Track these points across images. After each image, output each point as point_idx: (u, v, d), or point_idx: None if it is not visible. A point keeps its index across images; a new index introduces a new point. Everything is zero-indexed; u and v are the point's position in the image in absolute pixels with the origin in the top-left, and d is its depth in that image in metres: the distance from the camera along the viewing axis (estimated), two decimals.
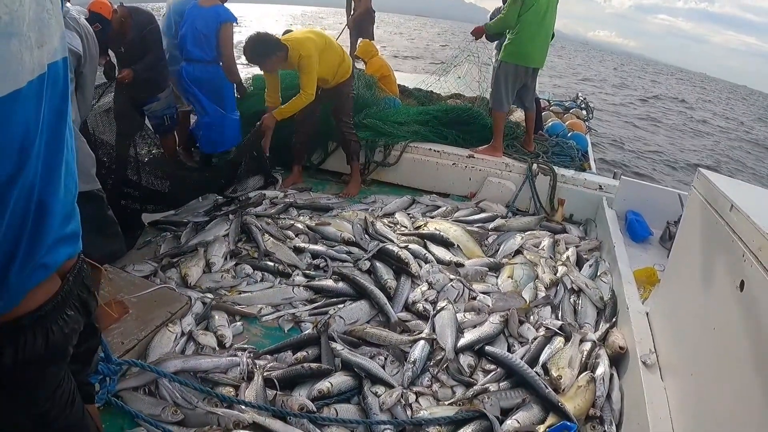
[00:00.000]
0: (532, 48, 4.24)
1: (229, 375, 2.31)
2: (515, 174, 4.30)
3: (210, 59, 3.95)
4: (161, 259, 3.16)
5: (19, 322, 0.92)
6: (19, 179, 0.82)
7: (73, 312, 1.04)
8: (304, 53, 3.73)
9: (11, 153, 0.81)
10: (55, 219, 0.94)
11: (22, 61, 0.80)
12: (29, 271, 0.91)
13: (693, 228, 2.35)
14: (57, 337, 0.98)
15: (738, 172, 11.39)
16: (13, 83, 0.78)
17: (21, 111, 0.81)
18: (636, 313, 2.61)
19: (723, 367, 1.77)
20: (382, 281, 2.91)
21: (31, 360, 0.95)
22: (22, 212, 0.85)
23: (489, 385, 2.29)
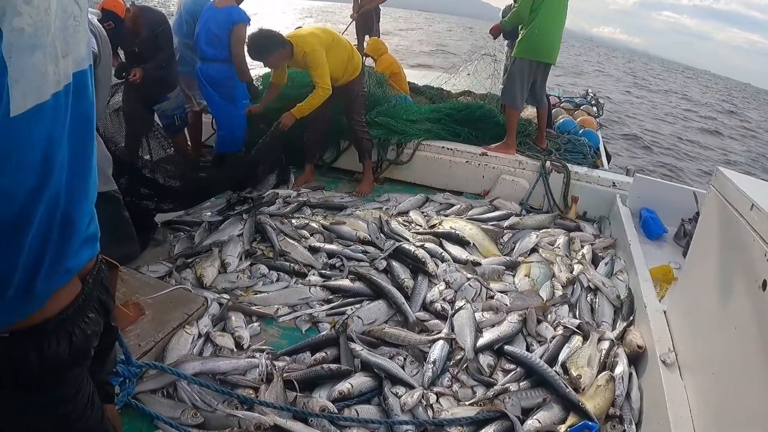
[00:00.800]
0: (545, 43, 4.22)
1: (247, 377, 2.30)
2: (528, 171, 4.28)
3: (223, 58, 3.96)
4: (176, 260, 3.16)
5: (42, 327, 0.92)
6: (44, 191, 0.82)
7: (94, 314, 1.04)
8: (308, 49, 3.72)
9: (33, 166, 0.80)
10: (81, 224, 0.95)
11: (46, 74, 0.79)
12: (55, 278, 0.91)
13: (711, 227, 2.34)
14: (80, 339, 0.98)
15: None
16: (36, 98, 0.77)
17: (43, 125, 0.80)
18: (654, 312, 2.60)
19: (746, 367, 1.76)
20: (399, 280, 2.90)
21: (55, 363, 0.95)
22: (48, 222, 0.85)
23: (509, 385, 2.29)
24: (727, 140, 16.73)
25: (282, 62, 3.84)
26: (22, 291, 0.85)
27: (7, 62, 0.70)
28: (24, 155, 0.77)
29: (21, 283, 0.84)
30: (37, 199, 0.81)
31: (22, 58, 0.73)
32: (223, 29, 3.88)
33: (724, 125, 20.06)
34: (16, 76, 0.72)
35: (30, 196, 0.80)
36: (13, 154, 0.75)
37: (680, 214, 3.56)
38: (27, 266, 0.84)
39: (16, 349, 0.90)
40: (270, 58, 3.75)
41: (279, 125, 3.92)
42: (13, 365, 0.91)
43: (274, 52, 3.70)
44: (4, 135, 0.73)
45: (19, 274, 0.83)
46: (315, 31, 3.90)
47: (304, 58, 3.75)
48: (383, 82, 5.06)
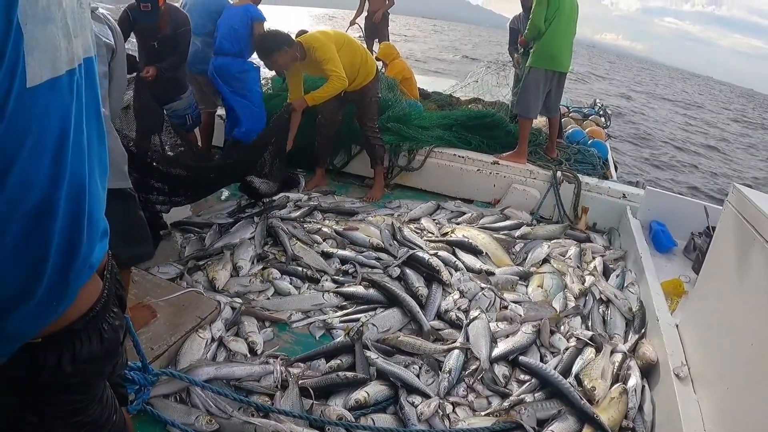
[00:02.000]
0: (559, 52, 4.25)
1: (262, 383, 2.30)
2: (539, 181, 4.29)
3: (236, 52, 4.03)
4: (186, 262, 3.16)
5: (73, 326, 0.91)
6: (63, 177, 0.79)
7: (117, 308, 1.04)
8: (316, 45, 3.74)
9: (50, 147, 0.76)
10: (100, 217, 0.94)
11: (60, 48, 0.76)
12: (84, 273, 0.90)
13: (727, 242, 2.36)
14: (110, 335, 0.98)
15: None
16: (51, 71, 0.74)
17: (59, 102, 0.77)
18: (666, 325, 2.61)
19: (762, 382, 1.78)
20: (413, 289, 2.91)
21: (90, 362, 0.95)
22: (76, 212, 0.84)
23: (524, 396, 2.30)
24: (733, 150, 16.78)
25: (290, 63, 3.80)
26: (55, 287, 0.84)
27: (23, 29, 0.68)
28: (41, 133, 0.74)
29: (53, 279, 0.82)
30: (56, 184, 0.78)
31: (36, 28, 0.71)
32: (243, 24, 4.00)
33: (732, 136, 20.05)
34: (31, 45, 0.70)
35: (49, 180, 0.77)
36: (30, 130, 0.72)
37: (690, 228, 3.57)
38: (59, 259, 0.82)
39: (49, 354, 0.89)
40: (277, 58, 3.72)
41: (289, 107, 3.88)
42: (46, 371, 0.89)
43: (281, 50, 3.68)
44: (23, 107, 0.70)
45: (51, 269, 0.81)
46: (324, 30, 3.94)
47: (314, 54, 3.75)
48: (394, 86, 5.08)
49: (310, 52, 3.77)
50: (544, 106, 4.51)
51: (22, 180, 0.72)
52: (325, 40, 3.77)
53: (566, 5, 4.23)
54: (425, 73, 10.25)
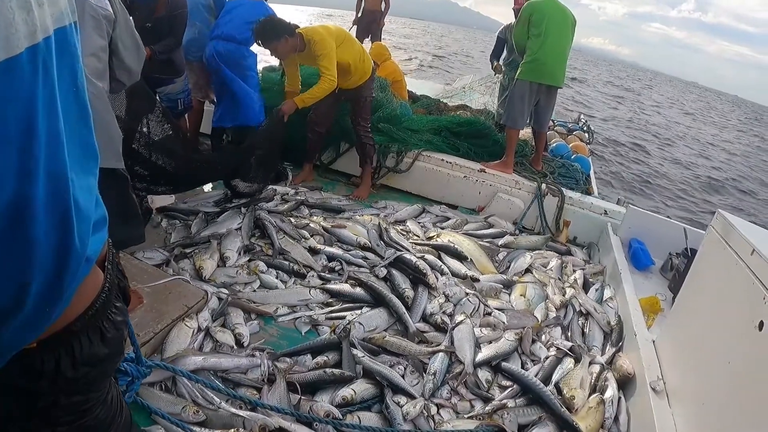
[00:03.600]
0: (547, 66, 4.32)
1: (249, 375, 2.30)
2: (524, 192, 4.37)
3: (240, 40, 4.03)
4: (173, 249, 3.14)
5: (70, 327, 0.85)
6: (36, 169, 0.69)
7: (120, 302, 0.98)
8: (317, 38, 3.75)
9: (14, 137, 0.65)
10: (89, 207, 0.84)
11: (14, 22, 0.64)
12: (80, 270, 0.82)
13: (708, 265, 2.46)
14: (112, 333, 0.93)
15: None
16: (4, 50, 0.62)
17: (18, 85, 0.65)
18: (643, 340, 2.70)
19: (737, 400, 1.86)
20: (399, 290, 2.93)
21: (91, 363, 0.90)
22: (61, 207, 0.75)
23: (507, 401, 2.35)
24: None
25: (289, 52, 3.81)
26: (49, 292, 0.76)
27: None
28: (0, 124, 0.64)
29: (46, 284, 0.75)
30: (29, 179, 0.68)
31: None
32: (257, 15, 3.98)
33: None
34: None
35: (19, 176, 0.67)
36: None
37: (668, 248, 3.69)
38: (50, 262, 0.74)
39: (47, 360, 0.84)
40: (277, 45, 3.72)
41: (278, 111, 3.87)
42: (44, 378, 0.85)
43: (281, 38, 3.69)
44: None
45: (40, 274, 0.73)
46: (326, 25, 3.94)
47: (313, 47, 3.76)
48: (386, 87, 5.10)
49: (309, 44, 3.78)
50: (536, 119, 4.59)
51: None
52: (325, 35, 3.78)
53: (555, 21, 4.30)
54: (414, 76, 10.32)
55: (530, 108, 4.47)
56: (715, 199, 11.25)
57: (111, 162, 2.49)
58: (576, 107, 16.95)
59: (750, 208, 11.12)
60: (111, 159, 2.50)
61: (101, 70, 2.36)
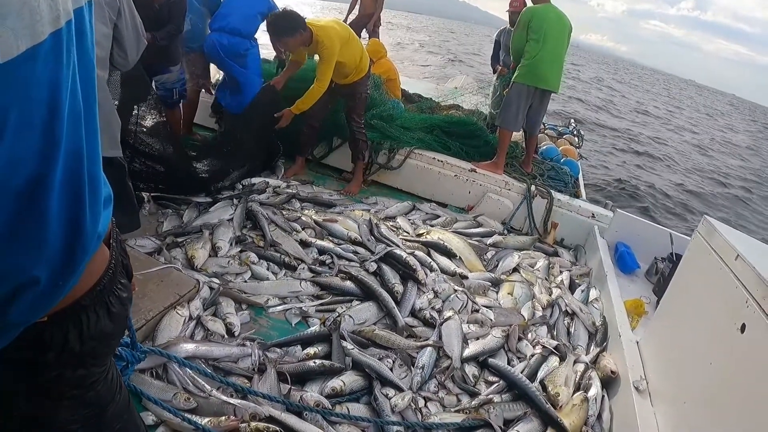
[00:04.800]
0: (544, 70, 4.37)
1: (239, 364, 2.32)
2: (514, 193, 4.42)
3: (245, 34, 4.16)
4: (165, 237, 3.14)
5: (79, 302, 0.86)
6: (58, 149, 0.71)
7: (125, 279, 1.00)
8: (327, 43, 3.76)
9: (38, 122, 0.67)
10: (101, 184, 0.86)
11: (39, 9, 0.64)
12: (91, 245, 0.84)
13: (693, 269, 2.52)
14: (118, 308, 0.95)
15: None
16: (30, 38, 0.63)
17: (43, 71, 0.66)
18: (627, 341, 2.76)
19: (719, 400, 1.92)
20: (389, 285, 2.96)
21: (98, 337, 0.91)
22: (76, 183, 0.76)
23: (493, 396, 2.40)
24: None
25: (298, 47, 3.87)
26: (62, 266, 0.78)
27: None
28: (25, 108, 0.65)
29: (59, 259, 0.76)
30: (50, 158, 0.70)
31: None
32: (262, 13, 4.16)
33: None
34: (1, 14, 0.59)
35: (41, 156, 0.69)
36: (12, 106, 0.63)
37: (654, 252, 3.76)
38: (63, 237, 0.76)
39: (56, 333, 0.85)
40: (290, 40, 3.76)
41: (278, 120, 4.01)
42: (52, 350, 0.86)
43: (296, 34, 3.72)
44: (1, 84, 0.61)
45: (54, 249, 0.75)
46: (335, 25, 3.93)
47: (320, 49, 3.79)
48: (380, 85, 5.12)
49: (317, 44, 3.79)
50: (527, 122, 4.64)
51: (10, 159, 0.65)
52: (335, 41, 3.78)
53: (554, 27, 4.36)
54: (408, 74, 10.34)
55: (525, 110, 4.51)
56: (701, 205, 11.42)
57: (109, 151, 2.49)
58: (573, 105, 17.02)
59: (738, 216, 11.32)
60: (111, 148, 2.51)
61: (102, 58, 2.36)
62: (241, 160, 4.02)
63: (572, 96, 21.89)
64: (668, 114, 30.04)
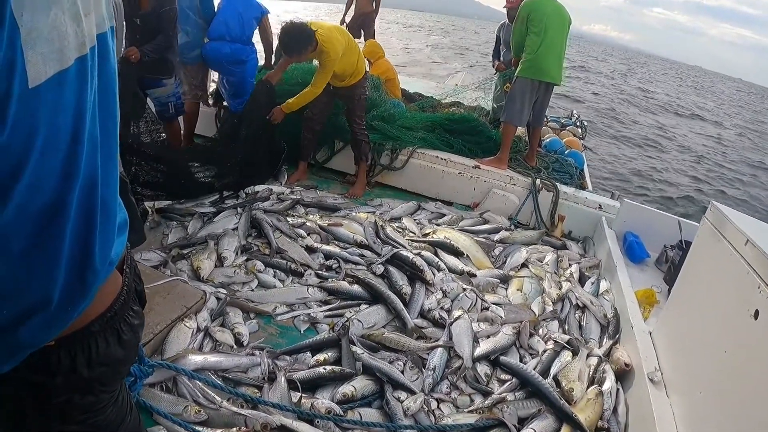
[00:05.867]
0: (546, 63, 4.34)
1: (249, 374, 2.31)
2: (519, 188, 4.39)
3: (245, 40, 4.37)
4: (170, 250, 3.14)
5: (89, 328, 0.86)
6: (77, 173, 0.72)
7: (137, 306, 0.99)
8: (332, 55, 3.80)
9: (62, 146, 0.68)
10: (115, 210, 0.87)
11: (67, 35, 0.66)
12: (102, 271, 0.84)
13: (703, 256, 2.48)
14: (129, 336, 0.94)
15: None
16: (58, 63, 0.65)
17: (69, 96, 0.68)
18: (640, 332, 2.72)
19: (735, 388, 1.89)
20: (397, 287, 2.95)
21: (106, 363, 0.91)
22: (89, 208, 0.77)
23: (506, 395, 2.37)
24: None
25: (307, 57, 3.94)
26: (72, 290, 0.78)
27: (18, 21, 0.58)
28: (51, 132, 0.66)
29: (70, 282, 0.76)
30: (69, 183, 0.71)
31: (36, 17, 0.61)
32: (253, 15, 4.37)
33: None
34: (31, 38, 0.60)
35: (61, 180, 0.70)
36: (37, 134, 0.64)
37: (663, 241, 3.72)
38: (75, 260, 0.76)
39: (63, 357, 0.84)
40: (303, 54, 3.83)
41: (270, 119, 4.02)
42: (60, 375, 0.85)
43: (308, 48, 3.77)
44: (26, 111, 0.61)
45: (66, 272, 0.75)
46: (337, 34, 3.94)
47: (325, 58, 3.84)
48: (379, 85, 5.11)
49: (321, 52, 3.82)
50: (532, 115, 4.60)
51: (33, 183, 0.65)
52: (338, 50, 3.83)
53: (555, 21, 4.34)
54: (407, 74, 10.33)
55: (531, 105, 4.48)
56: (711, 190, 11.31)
57: None
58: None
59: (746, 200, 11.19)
60: None
61: None
62: (245, 158, 4.02)
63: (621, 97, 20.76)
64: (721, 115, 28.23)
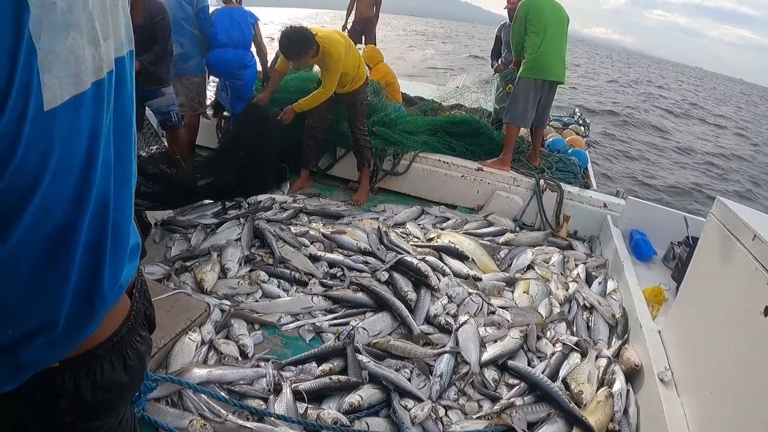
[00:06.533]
0: (548, 62, 4.33)
1: (254, 386, 2.29)
2: (523, 189, 4.37)
3: (246, 45, 4.60)
4: (173, 263, 3.13)
5: (94, 352, 0.84)
6: (89, 197, 0.71)
7: (144, 331, 0.97)
8: (336, 56, 3.83)
9: (75, 170, 0.68)
10: (127, 234, 0.85)
11: (84, 58, 0.66)
12: (110, 295, 0.83)
13: (710, 253, 2.44)
14: (134, 362, 0.92)
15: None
16: (74, 87, 0.65)
17: (85, 119, 0.68)
18: (649, 331, 2.69)
19: (746, 387, 1.85)
20: (402, 293, 2.93)
21: (111, 389, 0.89)
22: (100, 232, 0.76)
23: (515, 400, 2.34)
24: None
25: (309, 60, 3.96)
26: (79, 314, 0.77)
27: (36, 44, 0.58)
28: (65, 155, 0.66)
29: (77, 306, 0.75)
30: (81, 206, 0.71)
31: (53, 40, 0.61)
32: (248, 23, 4.55)
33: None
34: (47, 61, 0.60)
35: (73, 203, 0.69)
36: (51, 156, 0.64)
37: (670, 237, 3.68)
38: (83, 284, 0.75)
39: (67, 380, 0.83)
40: (303, 58, 3.86)
41: (280, 119, 4.05)
42: (63, 397, 0.83)
43: (308, 52, 3.80)
44: (40, 133, 0.61)
45: (73, 296, 0.74)
46: (337, 36, 3.98)
47: (328, 61, 3.86)
48: (379, 90, 5.11)
49: (323, 54, 3.84)
50: (537, 116, 4.57)
51: (44, 204, 0.65)
52: (342, 52, 3.86)
53: (553, 20, 4.32)
54: (408, 78, 10.32)
55: (535, 105, 4.46)
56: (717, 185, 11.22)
57: None
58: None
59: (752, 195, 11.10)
60: None
61: None
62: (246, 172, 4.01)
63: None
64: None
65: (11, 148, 0.59)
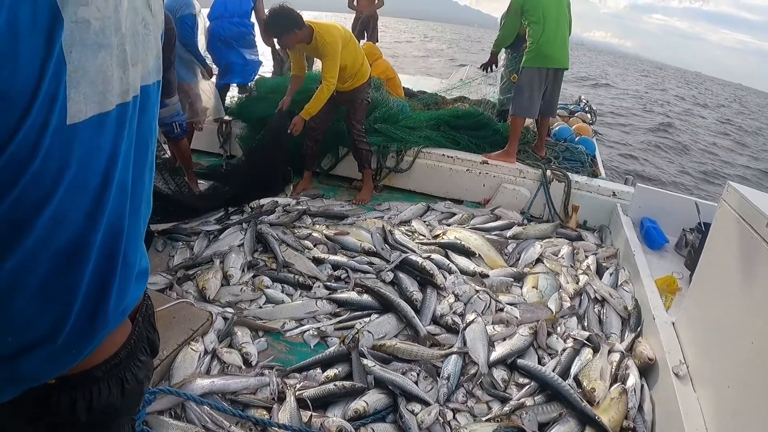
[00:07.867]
0: (551, 49, 4.25)
1: (258, 395, 2.25)
2: (529, 180, 4.29)
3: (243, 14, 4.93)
4: (176, 272, 3.10)
5: (91, 373, 0.83)
6: (102, 217, 0.72)
7: (145, 357, 0.96)
8: (329, 39, 3.74)
9: (91, 187, 0.69)
10: (136, 258, 0.86)
11: (112, 79, 0.68)
12: (113, 318, 0.83)
13: (723, 240, 2.36)
14: (132, 386, 0.91)
15: None
16: (98, 105, 0.66)
17: (106, 138, 0.70)
18: (662, 323, 2.61)
19: (764, 381, 1.77)
20: (407, 293, 2.87)
21: (107, 413, 0.88)
22: (111, 254, 0.77)
23: (525, 400, 2.28)
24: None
25: (296, 43, 3.82)
26: (80, 333, 0.77)
27: (66, 58, 0.60)
28: (82, 171, 0.67)
29: (79, 324, 0.76)
30: (93, 225, 0.72)
31: (84, 56, 0.62)
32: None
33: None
34: (76, 76, 0.62)
35: (86, 221, 0.70)
36: (68, 170, 0.65)
37: (681, 224, 3.58)
38: (88, 304, 0.76)
39: (62, 398, 0.82)
40: (286, 38, 3.75)
41: (291, 129, 3.94)
42: (58, 415, 0.82)
43: (292, 30, 3.70)
44: (60, 146, 0.63)
45: (77, 314, 0.74)
46: (333, 24, 3.92)
47: (323, 46, 3.77)
48: (380, 86, 5.04)
49: (317, 40, 3.76)
50: (545, 105, 4.48)
51: (56, 217, 0.66)
52: (336, 37, 3.79)
53: (550, 6, 4.23)
54: (410, 73, 10.25)
55: (540, 95, 4.37)
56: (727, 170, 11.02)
57: None
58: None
59: None
60: None
61: None
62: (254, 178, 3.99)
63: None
64: None
65: (30, 155, 0.60)
